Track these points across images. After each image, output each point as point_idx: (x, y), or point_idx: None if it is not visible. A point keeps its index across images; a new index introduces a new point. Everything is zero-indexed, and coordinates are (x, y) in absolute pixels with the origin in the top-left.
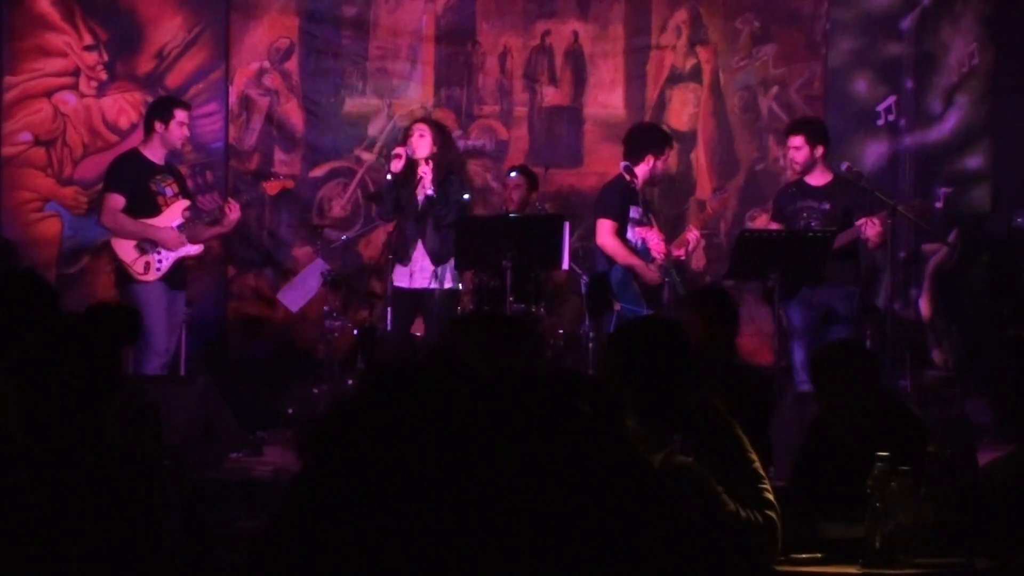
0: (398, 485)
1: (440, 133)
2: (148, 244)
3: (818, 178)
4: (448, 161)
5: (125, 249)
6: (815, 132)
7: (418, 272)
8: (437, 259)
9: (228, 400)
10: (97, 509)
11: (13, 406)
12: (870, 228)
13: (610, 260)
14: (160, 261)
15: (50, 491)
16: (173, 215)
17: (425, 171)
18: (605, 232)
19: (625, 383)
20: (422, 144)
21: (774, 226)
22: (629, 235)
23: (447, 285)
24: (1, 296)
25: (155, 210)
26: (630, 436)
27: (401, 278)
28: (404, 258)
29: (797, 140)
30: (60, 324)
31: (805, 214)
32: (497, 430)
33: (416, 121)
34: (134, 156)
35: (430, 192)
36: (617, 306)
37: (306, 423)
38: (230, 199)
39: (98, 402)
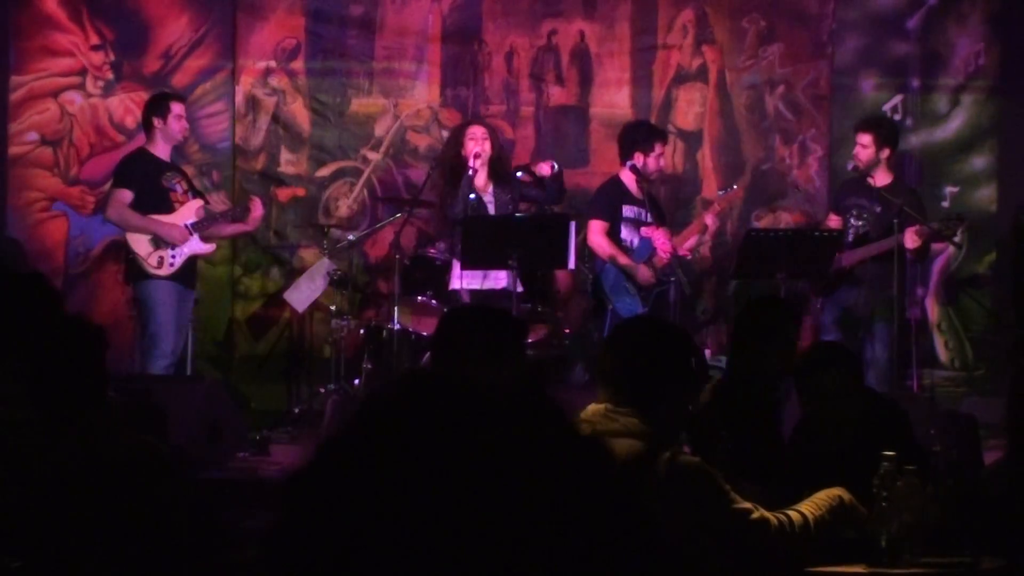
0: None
1: (496, 134)
2: (159, 238)
3: (879, 179)
4: (501, 160)
5: (139, 243)
6: (886, 134)
7: (492, 274)
8: None
9: (234, 400)
10: (104, 510)
11: (20, 406)
12: (910, 241)
13: (603, 260)
14: (174, 257)
15: (59, 490)
16: (187, 213)
17: (480, 170)
18: (595, 232)
19: (624, 382)
20: (485, 146)
21: (835, 219)
22: (624, 235)
23: (519, 288)
24: (5, 298)
25: (168, 207)
26: (634, 431)
27: (472, 279)
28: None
29: (866, 138)
30: (54, 332)
31: (855, 211)
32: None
33: (472, 124)
34: (142, 154)
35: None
36: (611, 306)
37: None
38: (252, 196)
39: (89, 409)
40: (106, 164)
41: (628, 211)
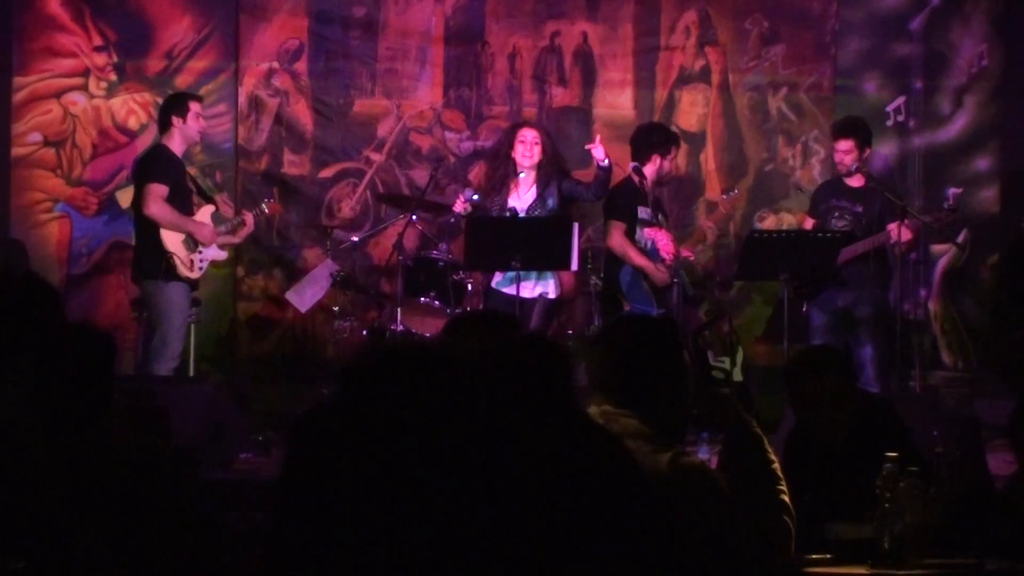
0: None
1: (549, 137)
2: (192, 240)
3: (856, 179)
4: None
5: (176, 243)
6: (864, 135)
7: (523, 279)
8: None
9: (237, 401)
10: (108, 511)
11: (25, 409)
12: (902, 234)
13: (619, 261)
14: (202, 260)
15: (62, 491)
16: (204, 216)
17: (528, 174)
18: (616, 234)
19: (614, 382)
20: (535, 151)
21: (809, 221)
22: (638, 236)
23: (552, 295)
24: (4, 300)
25: (191, 209)
26: (633, 432)
27: (505, 282)
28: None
29: (846, 144)
30: (61, 337)
31: (837, 213)
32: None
33: (524, 126)
34: (165, 150)
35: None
36: (627, 307)
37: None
38: (244, 210)
39: (96, 415)
40: (109, 165)
41: (643, 213)
